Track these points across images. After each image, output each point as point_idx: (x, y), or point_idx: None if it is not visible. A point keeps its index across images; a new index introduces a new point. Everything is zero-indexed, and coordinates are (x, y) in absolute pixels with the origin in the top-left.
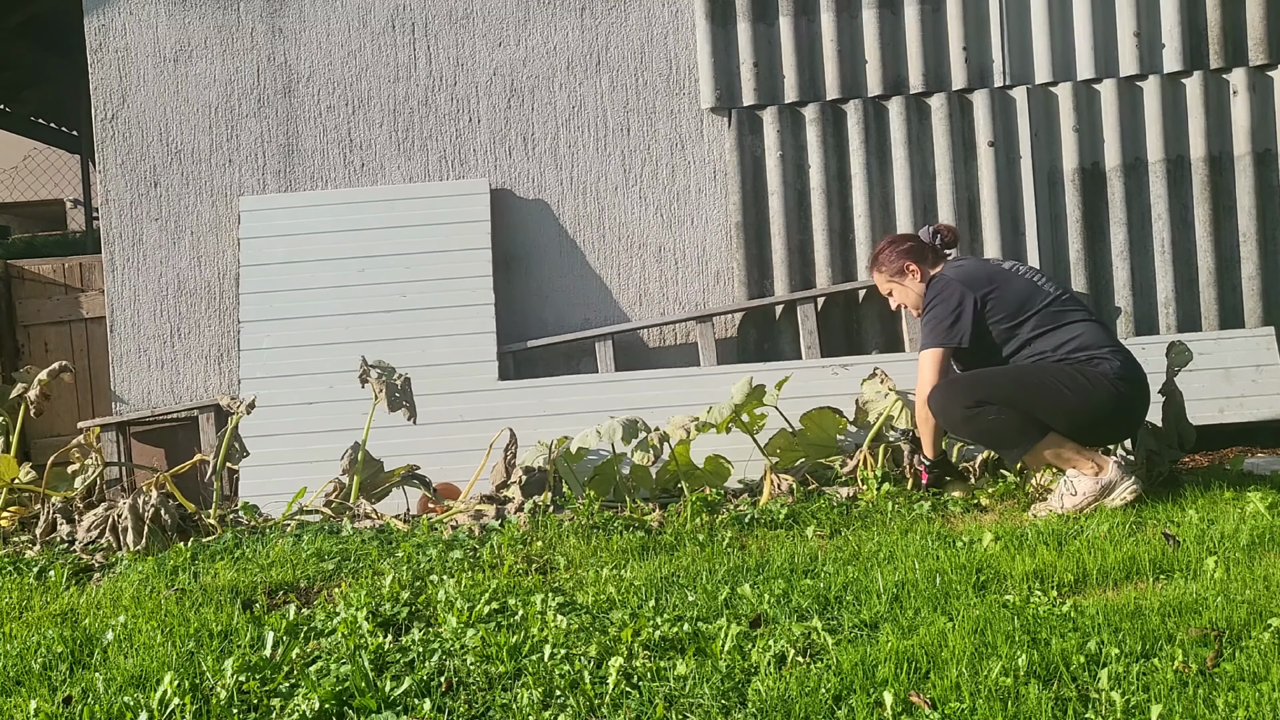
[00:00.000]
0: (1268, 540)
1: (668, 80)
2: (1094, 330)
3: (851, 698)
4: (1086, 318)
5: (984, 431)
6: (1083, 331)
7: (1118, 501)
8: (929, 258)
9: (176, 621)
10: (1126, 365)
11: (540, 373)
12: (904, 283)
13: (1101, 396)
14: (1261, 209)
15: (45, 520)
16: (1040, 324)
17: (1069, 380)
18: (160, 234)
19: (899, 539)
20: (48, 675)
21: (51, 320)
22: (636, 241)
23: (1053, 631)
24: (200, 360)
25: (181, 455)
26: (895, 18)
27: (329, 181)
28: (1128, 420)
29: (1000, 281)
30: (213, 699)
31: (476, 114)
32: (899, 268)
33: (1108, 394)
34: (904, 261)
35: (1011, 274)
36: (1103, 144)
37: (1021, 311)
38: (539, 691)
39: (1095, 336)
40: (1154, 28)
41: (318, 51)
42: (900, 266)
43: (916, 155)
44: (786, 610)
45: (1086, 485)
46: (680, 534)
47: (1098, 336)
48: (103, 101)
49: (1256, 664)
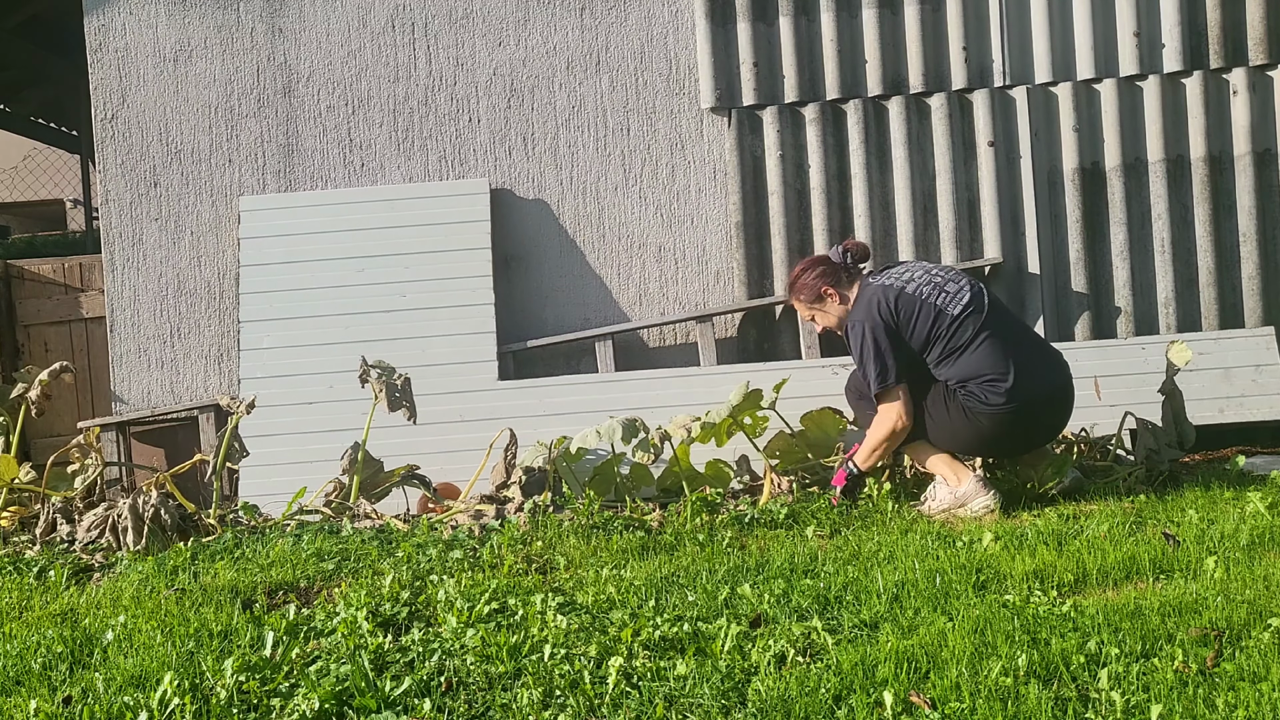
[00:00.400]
0: (1268, 540)
1: (668, 80)
2: (986, 353)
3: (851, 697)
4: (982, 338)
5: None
6: (977, 358)
7: (969, 513)
8: (843, 278)
9: (176, 621)
10: (1018, 385)
11: (540, 372)
12: (824, 307)
13: (984, 425)
14: (1261, 208)
15: (45, 520)
16: (941, 354)
17: (957, 414)
18: (160, 234)
19: (899, 539)
20: (48, 675)
21: (51, 320)
22: (636, 241)
23: (1053, 631)
24: (200, 360)
25: (181, 455)
26: (895, 17)
27: (329, 181)
28: (1025, 435)
29: (904, 316)
30: (213, 699)
31: (476, 114)
32: (816, 293)
33: (991, 422)
34: (820, 286)
35: (915, 300)
36: (1103, 144)
37: (926, 345)
38: (539, 691)
39: (987, 361)
40: (1154, 27)
41: (317, 51)
42: (817, 292)
43: (916, 155)
44: (786, 610)
45: (943, 493)
46: (680, 534)
47: (991, 360)
48: (103, 101)
49: (1256, 664)
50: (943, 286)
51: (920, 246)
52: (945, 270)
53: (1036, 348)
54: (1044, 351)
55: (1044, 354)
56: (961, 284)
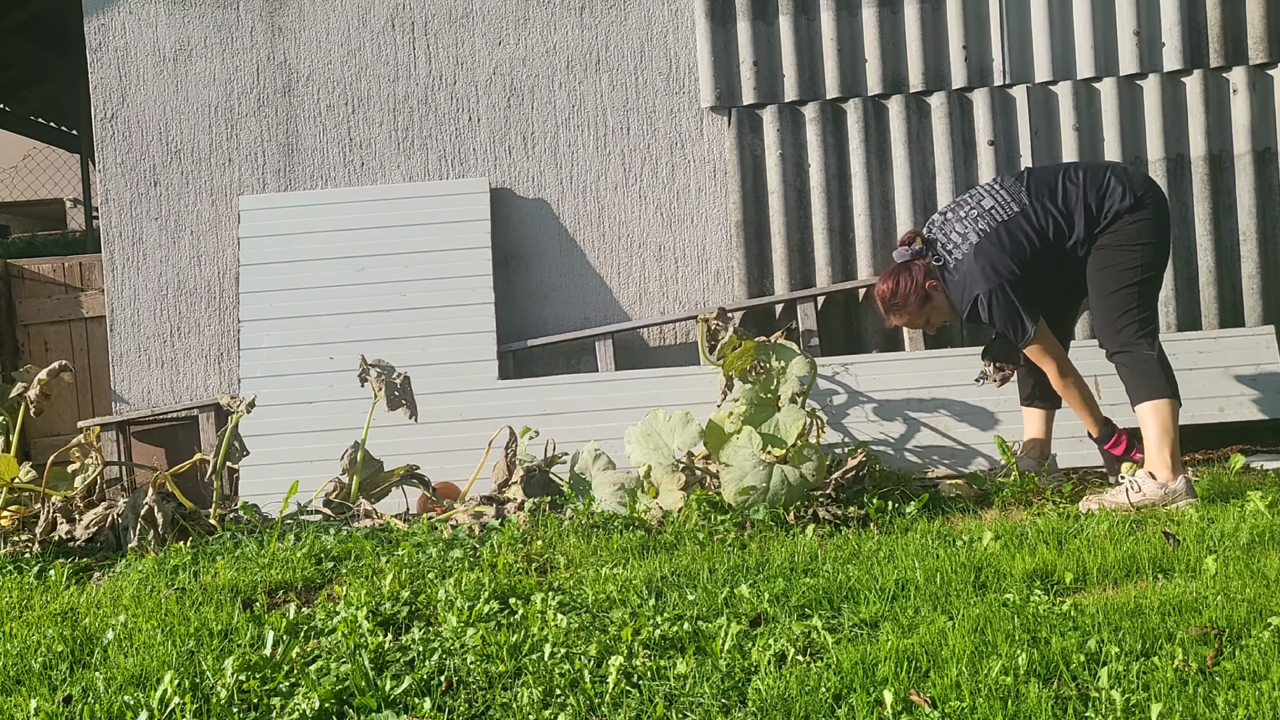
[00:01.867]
0: (1268, 539)
1: (667, 79)
2: (1079, 192)
3: (852, 696)
4: (1066, 188)
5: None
6: (1082, 199)
7: (1172, 508)
8: (932, 266)
9: (176, 621)
10: (1129, 189)
11: (540, 372)
12: (934, 304)
13: (1147, 238)
14: (1262, 207)
15: (45, 519)
16: (1059, 230)
17: (1123, 255)
18: (160, 233)
19: (899, 538)
20: (48, 674)
21: (51, 319)
22: (636, 240)
23: (1053, 630)
24: (200, 359)
25: (181, 454)
26: (895, 16)
27: (329, 181)
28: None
29: (1011, 245)
30: (213, 698)
31: (476, 113)
32: (922, 294)
33: (1150, 231)
34: (924, 284)
35: (1002, 223)
36: (1103, 143)
37: (1046, 238)
38: (539, 690)
39: (1094, 195)
40: (1154, 26)
41: (317, 50)
42: (923, 292)
43: (916, 154)
44: (786, 609)
45: (1151, 487)
46: (680, 533)
47: (1100, 188)
48: (102, 100)
49: (1257, 663)
50: (994, 201)
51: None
52: (978, 195)
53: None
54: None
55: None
56: (997, 190)
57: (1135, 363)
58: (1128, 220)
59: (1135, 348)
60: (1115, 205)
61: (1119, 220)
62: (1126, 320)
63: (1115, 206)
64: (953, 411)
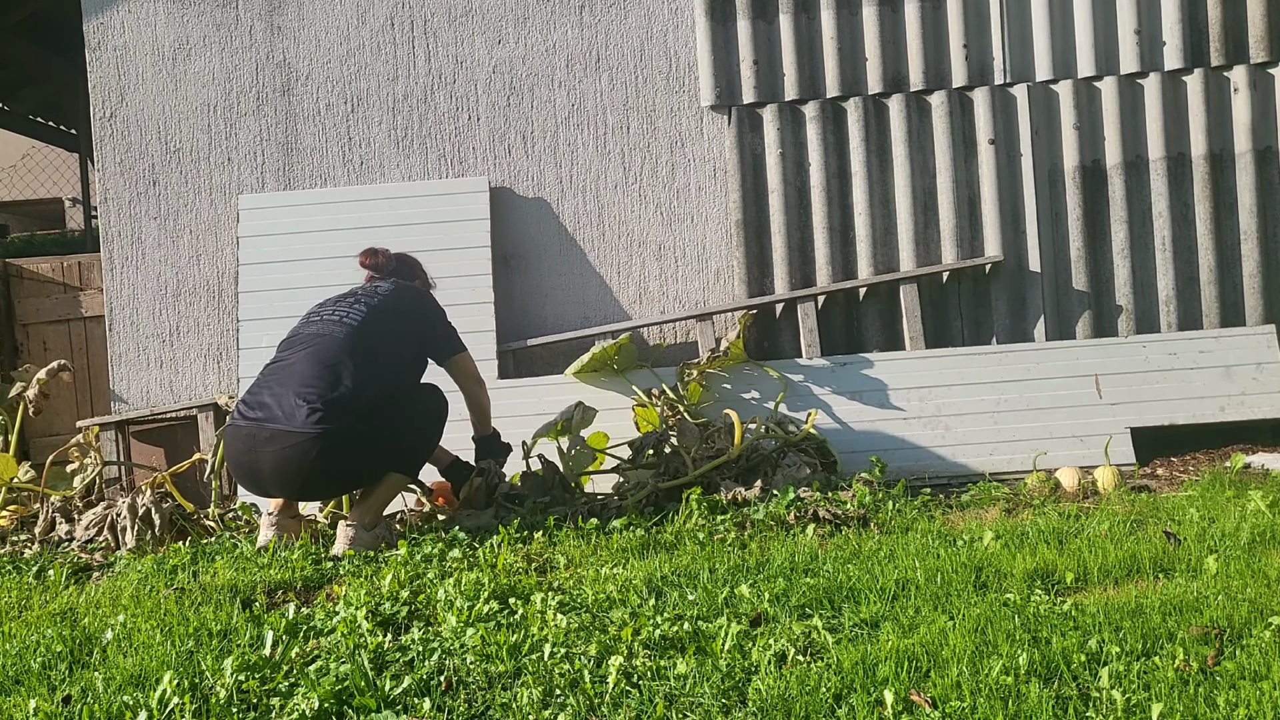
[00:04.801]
0: (1268, 538)
1: (667, 78)
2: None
3: (852, 696)
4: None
5: None
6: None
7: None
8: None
9: (176, 621)
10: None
11: (540, 371)
12: None
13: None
14: (1262, 206)
15: (44, 519)
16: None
17: None
18: (159, 232)
19: (899, 538)
20: (47, 674)
21: (50, 319)
22: (636, 240)
23: (1053, 630)
24: (199, 359)
25: (181, 454)
26: (895, 15)
27: (328, 180)
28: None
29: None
30: (212, 698)
31: (476, 112)
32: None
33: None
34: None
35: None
36: (1103, 141)
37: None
38: (539, 690)
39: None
40: (1155, 25)
41: (316, 49)
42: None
43: (917, 153)
44: (786, 609)
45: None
46: (680, 533)
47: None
48: (101, 100)
49: (1257, 662)
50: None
51: (920, 245)
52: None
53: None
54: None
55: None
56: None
57: None
58: None
59: None
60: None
61: None
62: None
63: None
64: (953, 411)
